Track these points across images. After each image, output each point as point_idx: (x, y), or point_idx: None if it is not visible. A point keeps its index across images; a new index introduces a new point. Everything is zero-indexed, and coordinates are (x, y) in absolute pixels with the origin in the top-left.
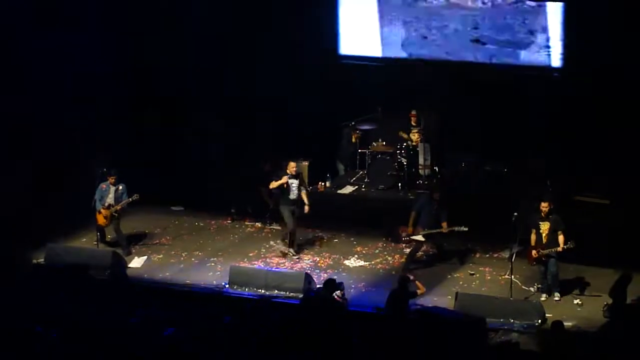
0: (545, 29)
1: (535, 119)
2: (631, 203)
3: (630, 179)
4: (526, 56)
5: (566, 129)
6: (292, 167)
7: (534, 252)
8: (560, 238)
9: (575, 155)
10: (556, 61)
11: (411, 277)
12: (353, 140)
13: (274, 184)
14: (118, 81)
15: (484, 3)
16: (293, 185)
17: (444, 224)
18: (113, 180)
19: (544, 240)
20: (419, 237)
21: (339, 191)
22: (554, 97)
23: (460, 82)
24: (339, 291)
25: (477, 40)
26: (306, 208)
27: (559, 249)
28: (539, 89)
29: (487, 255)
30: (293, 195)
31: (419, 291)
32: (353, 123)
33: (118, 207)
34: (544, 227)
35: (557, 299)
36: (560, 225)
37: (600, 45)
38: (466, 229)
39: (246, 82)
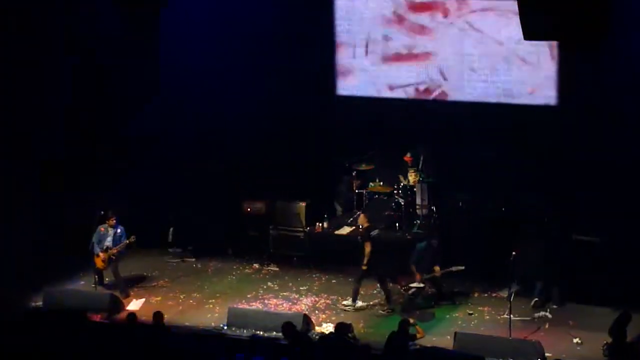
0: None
1: (532, 157)
2: (629, 241)
3: (629, 217)
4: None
5: (563, 166)
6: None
7: None
8: None
9: (573, 193)
10: (552, 99)
11: (411, 321)
12: (354, 188)
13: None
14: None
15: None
16: None
17: (437, 268)
18: (112, 222)
19: None
20: (418, 284)
21: (336, 232)
22: (549, 135)
23: (458, 121)
24: (350, 333)
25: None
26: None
27: None
28: (535, 126)
29: (486, 295)
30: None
31: (418, 335)
32: (349, 164)
33: (115, 250)
34: None
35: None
36: None
37: (595, 83)
38: (462, 267)
39: (243, 123)
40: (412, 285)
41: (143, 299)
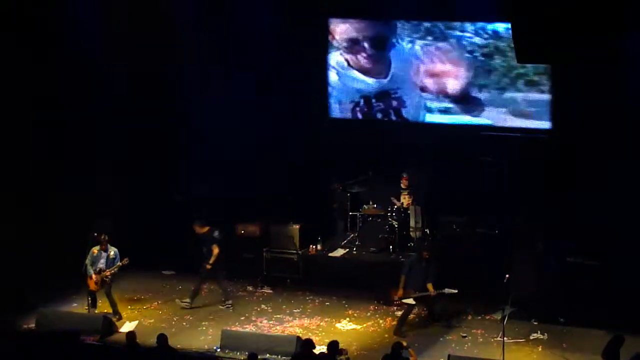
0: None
1: (524, 180)
2: (623, 264)
3: (623, 241)
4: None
5: (555, 189)
6: None
7: None
8: None
9: (566, 216)
10: (544, 123)
11: (404, 344)
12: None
13: None
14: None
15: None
16: None
17: (429, 285)
18: (105, 245)
19: None
20: (410, 301)
21: (330, 254)
22: (541, 158)
23: (450, 144)
24: (343, 356)
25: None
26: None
27: None
28: (528, 150)
29: (479, 317)
30: None
31: (411, 358)
32: (341, 187)
33: (109, 272)
34: None
35: None
36: None
37: (587, 106)
38: (455, 291)
39: (237, 147)
40: (404, 301)
41: (136, 321)
